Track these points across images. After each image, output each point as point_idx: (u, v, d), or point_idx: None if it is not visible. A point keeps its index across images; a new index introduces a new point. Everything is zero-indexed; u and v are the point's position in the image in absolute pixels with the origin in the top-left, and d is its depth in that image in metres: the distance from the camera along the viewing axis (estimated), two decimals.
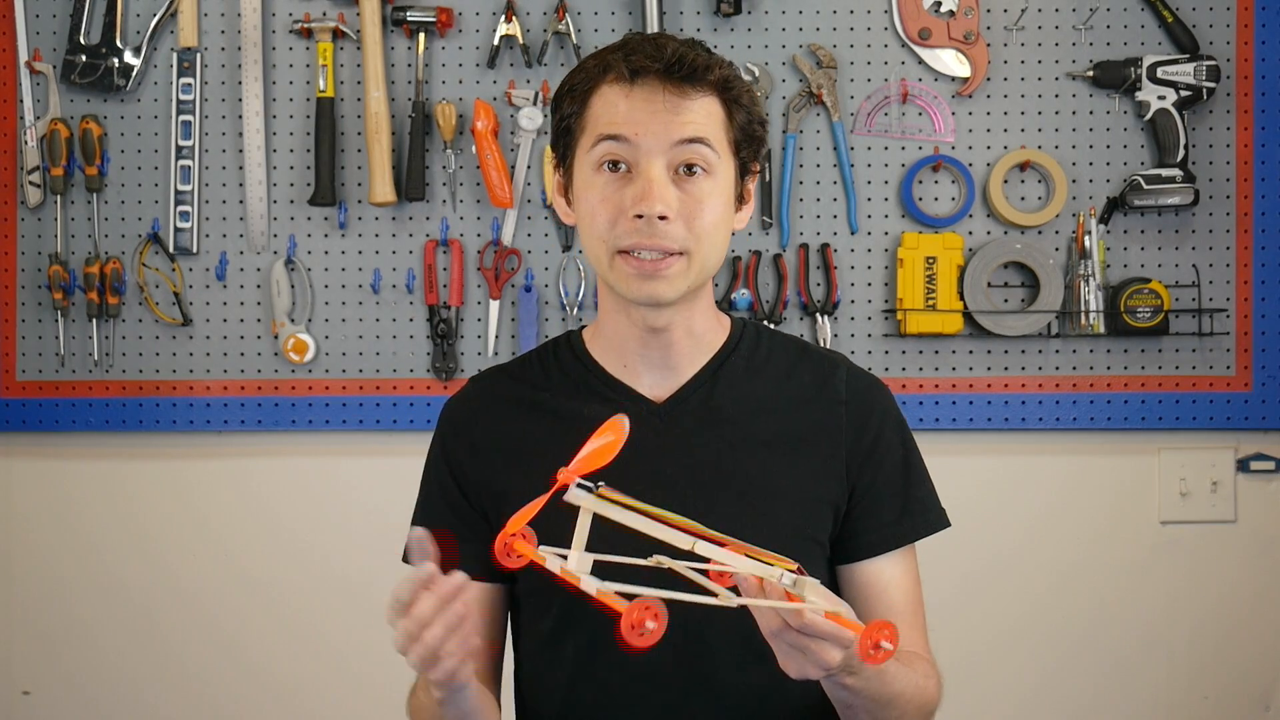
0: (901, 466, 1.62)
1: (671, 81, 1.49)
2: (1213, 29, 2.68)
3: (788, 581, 1.26)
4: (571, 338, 1.65)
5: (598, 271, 1.56)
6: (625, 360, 1.59)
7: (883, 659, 1.26)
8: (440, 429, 1.65)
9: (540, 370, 1.64)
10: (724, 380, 1.60)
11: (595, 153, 1.51)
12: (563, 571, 1.25)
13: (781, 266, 2.68)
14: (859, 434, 1.60)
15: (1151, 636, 2.75)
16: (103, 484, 2.75)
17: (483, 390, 1.66)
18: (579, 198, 1.55)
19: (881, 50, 2.69)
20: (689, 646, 1.53)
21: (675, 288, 1.51)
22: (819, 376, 1.62)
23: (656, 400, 1.59)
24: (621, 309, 1.57)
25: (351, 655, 2.71)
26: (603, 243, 1.51)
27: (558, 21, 2.65)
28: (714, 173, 1.51)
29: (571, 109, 1.55)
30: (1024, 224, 2.67)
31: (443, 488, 1.62)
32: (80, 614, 2.75)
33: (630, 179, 1.50)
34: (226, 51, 2.69)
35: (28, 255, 2.70)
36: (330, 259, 2.70)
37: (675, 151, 1.50)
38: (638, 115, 1.49)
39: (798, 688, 1.56)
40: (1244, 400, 2.69)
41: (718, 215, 1.52)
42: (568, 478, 1.24)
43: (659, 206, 1.48)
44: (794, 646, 1.29)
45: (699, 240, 1.50)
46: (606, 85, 1.52)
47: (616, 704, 1.56)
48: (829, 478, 1.58)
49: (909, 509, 1.61)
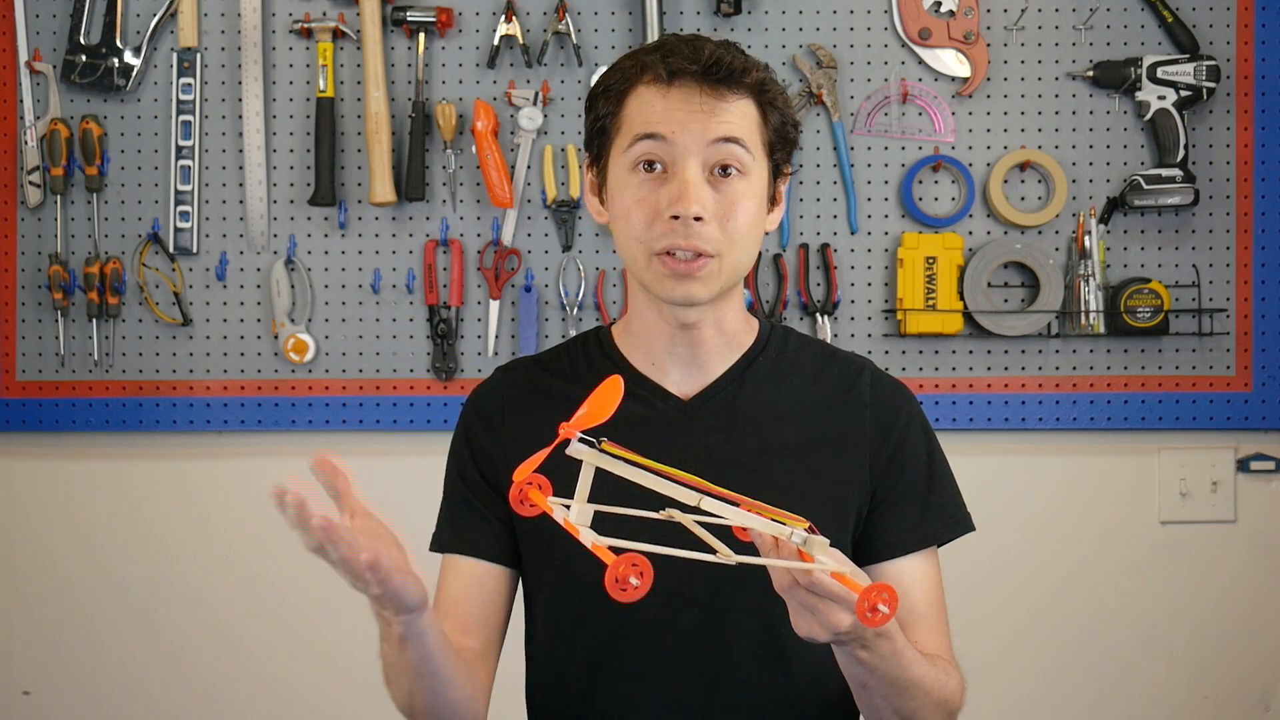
0: (925, 470, 1.62)
1: (708, 83, 1.50)
2: (1213, 29, 2.68)
3: (798, 539, 1.27)
4: (600, 333, 1.66)
5: (632, 271, 1.56)
6: (654, 357, 1.60)
7: (880, 622, 1.26)
8: (465, 414, 1.66)
9: (568, 363, 1.65)
10: (751, 381, 1.60)
11: (632, 152, 1.52)
12: (565, 522, 1.27)
13: (781, 266, 2.68)
14: (883, 438, 1.60)
15: (1151, 636, 2.75)
16: (103, 484, 2.75)
17: (510, 378, 1.67)
18: (613, 197, 1.56)
19: (881, 50, 2.69)
20: (706, 641, 1.54)
21: (708, 289, 1.52)
22: (844, 380, 1.63)
23: (684, 398, 1.59)
24: (652, 305, 1.57)
25: (352, 653, 2.70)
26: (640, 244, 1.52)
27: (558, 21, 2.65)
28: (748, 174, 1.52)
29: (607, 109, 1.55)
30: (1024, 224, 2.67)
31: (464, 471, 1.63)
32: (80, 613, 2.75)
33: (666, 179, 1.51)
34: (226, 51, 2.69)
35: (28, 255, 2.70)
36: (330, 259, 2.70)
37: (711, 151, 1.50)
38: (675, 115, 1.50)
39: (815, 686, 1.56)
40: (1244, 400, 2.69)
41: (751, 217, 1.53)
42: (568, 432, 1.26)
43: (695, 208, 1.49)
44: (803, 605, 1.30)
45: (732, 242, 1.51)
46: (643, 86, 1.53)
47: (633, 696, 1.56)
48: (852, 482, 1.59)
49: (931, 512, 1.62)
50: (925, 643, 1.55)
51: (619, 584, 1.19)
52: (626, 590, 1.19)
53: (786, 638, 1.40)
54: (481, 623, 1.60)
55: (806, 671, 1.56)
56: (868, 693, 1.44)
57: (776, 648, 1.54)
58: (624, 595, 1.19)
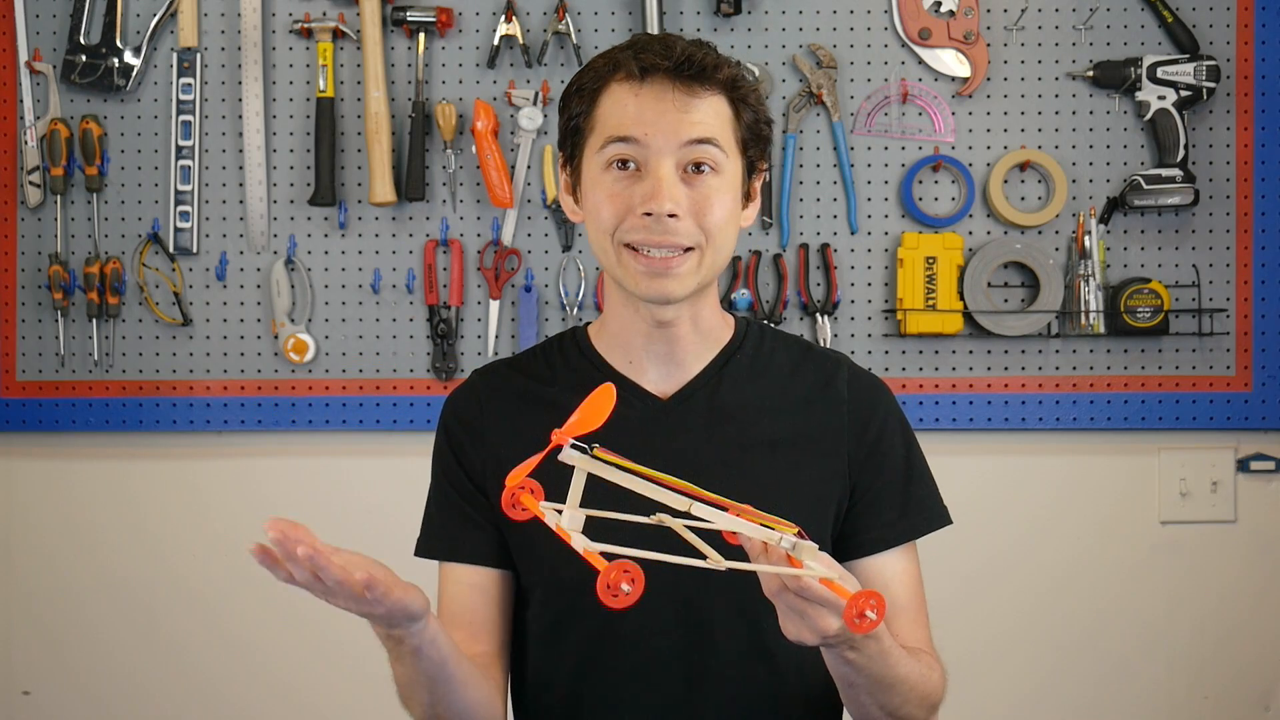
0: (903, 465, 1.63)
1: (680, 80, 1.51)
2: (1213, 29, 2.68)
3: (787, 544, 1.29)
4: (577, 333, 1.66)
5: (604, 267, 1.57)
6: (631, 356, 1.60)
7: (867, 628, 1.28)
8: (444, 420, 1.66)
9: (544, 364, 1.65)
10: (729, 378, 1.60)
11: (605, 153, 1.52)
12: (557, 528, 1.28)
13: (781, 266, 2.68)
14: (861, 433, 1.61)
15: (1151, 636, 2.75)
16: (103, 484, 2.75)
17: (486, 382, 1.66)
18: (586, 195, 1.56)
19: (881, 50, 2.69)
20: (692, 639, 1.54)
21: (685, 285, 1.53)
22: (821, 376, 1.63)
23: (662, 397, 1.59)
24: (628, 303, 1.57)
25: (353, 653, 2.70)
26: (608, 236, 1.53)
27: (558, 21, 2.65)
28: (722, 171, 1.53)
29: (580, 108, 1.55)
30: (1024, 224, 2.67)
31: (450, 477, 1.63)
32: (80, 613, 2.75)
33: (639, 177, 1.51)
34: (226, 51, 2.69)
35: (28, 255, 2.70)
36: (330, 259, 2.70)
37: (684, 151, 1.51)
38: (647, 115, 1.51)
39: (800, 682, 1.57)
40: (1244, 400, 2.69)
41: (726, 212, 1.53)
42: (561, 438, 1.27)
43: (668, 205, 1.49)
44: (792, 609, 1.31)
45: (709, 236, 1.52)
46: (615, 84, 1.53)
47: (621, 696, 1.57)
48: (831, 477, 1.59)
49: (910, 507, 1.62)
50: (907, 636, 1.56)
51: (611, 590, 1.20)
52: (618, 596, 1.20)
53: (771, 635, 1.40)
54: (490, 626, 1.61)
55: (791, 668, 1.57)
56: (854, 690, 1.45)
57: (761, 645, 1.55)
58: (615, 602, 1.20)
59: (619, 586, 1.20)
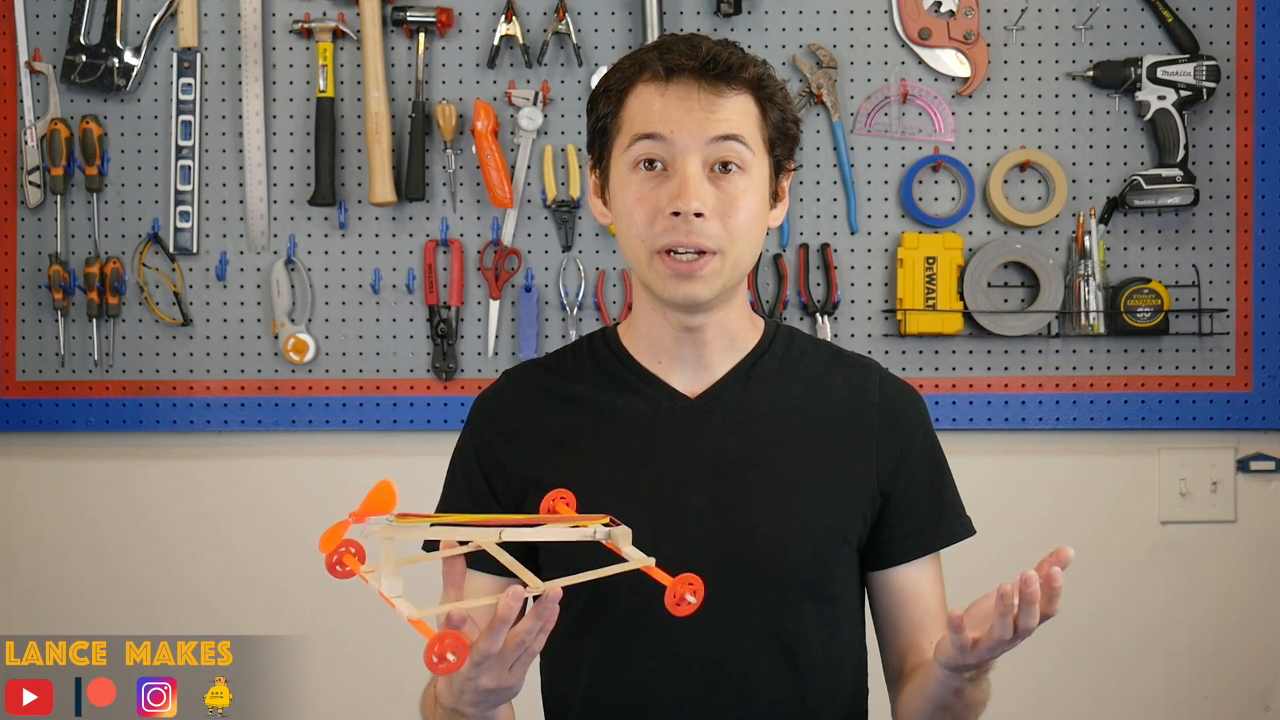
0: (934, 474, 1.64)
1: (706, 79, 1.51)
2: (1213, 29, 2.68)
3: (601, 534, 1.32)
4: (606, 333, 1.66)
5: (635, 270, 1.57)
6: (660, 356, 1.60)
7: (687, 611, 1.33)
8: (472, 419, 1.65)
9: (574, 363, 1.65)
10: (757, 379, 1.60)
11: (632, 152, 1.52)
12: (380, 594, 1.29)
13: (781, 266, 2.68)
14: (891, 439, 1.61)
15: (1151, 636, 2.75)
16: (103, 484, 2.75)
17: (516, 383, 1.66)
18: (615, 197, 1.56)
19: (881, 50, 2.69)
20: (714, 640, 1.54)
21: (711, 287, 1.53)
22: (852, 380, 1.63)
23: (690, 396, 1.59)
24: (656, 307, 1.58)
25: (353, 654, 2.71)
26: (641, 242, 1.53)
27: (558, 21, 2.65)
28: (749, 170, 1.53)
29: (607, 109, 1.56)
30: (1024, 224, 2.67)
31: (469, 479, 1.63)
32: (81, 613, 2.75)
33: (666, 177, 1.51)
34: (226, 51, 2.69)
35: (28, 255, 2.70)
36: (330, 259, 2.70)
37: (711, 149, 1.51)
38: (673, 113, 1.51)
39: (824, 683, 1.57)
40: (1244, 400, 2.69)
41: (752, 212, 1.53)
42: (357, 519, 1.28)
43: (695, 204, 1.49)
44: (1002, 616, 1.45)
45: (734, 238, 1.52)
46: (642, 84, 1.53)
47: (641, 694, 1.57)
48: (860, 480, 1.59)
49: (941, 515, 1.63)
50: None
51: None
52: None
53: (794, 636, 1.40)
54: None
55: (815, 670, 1.57)
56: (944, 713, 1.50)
57: (784, 646, 1.55)
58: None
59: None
